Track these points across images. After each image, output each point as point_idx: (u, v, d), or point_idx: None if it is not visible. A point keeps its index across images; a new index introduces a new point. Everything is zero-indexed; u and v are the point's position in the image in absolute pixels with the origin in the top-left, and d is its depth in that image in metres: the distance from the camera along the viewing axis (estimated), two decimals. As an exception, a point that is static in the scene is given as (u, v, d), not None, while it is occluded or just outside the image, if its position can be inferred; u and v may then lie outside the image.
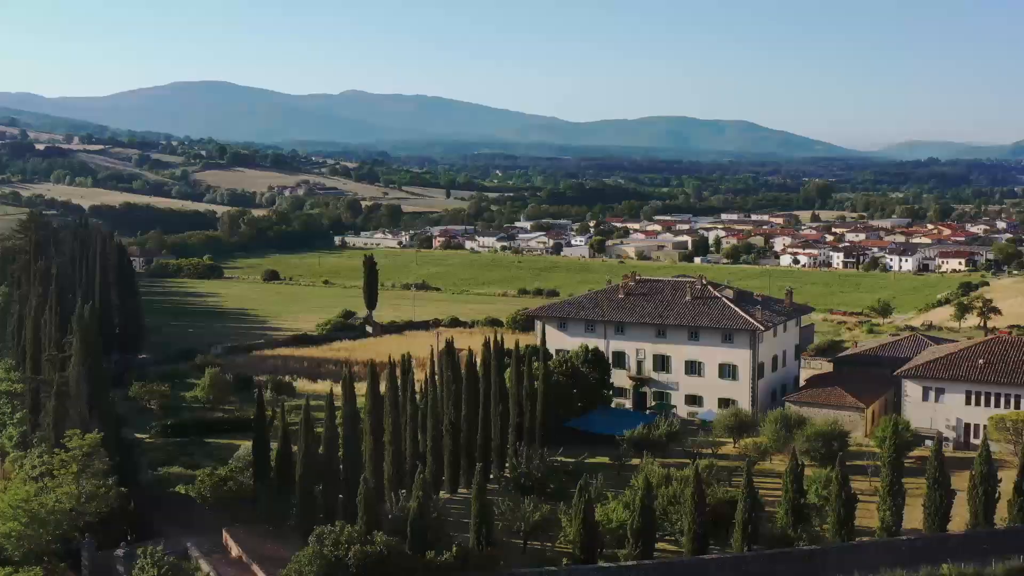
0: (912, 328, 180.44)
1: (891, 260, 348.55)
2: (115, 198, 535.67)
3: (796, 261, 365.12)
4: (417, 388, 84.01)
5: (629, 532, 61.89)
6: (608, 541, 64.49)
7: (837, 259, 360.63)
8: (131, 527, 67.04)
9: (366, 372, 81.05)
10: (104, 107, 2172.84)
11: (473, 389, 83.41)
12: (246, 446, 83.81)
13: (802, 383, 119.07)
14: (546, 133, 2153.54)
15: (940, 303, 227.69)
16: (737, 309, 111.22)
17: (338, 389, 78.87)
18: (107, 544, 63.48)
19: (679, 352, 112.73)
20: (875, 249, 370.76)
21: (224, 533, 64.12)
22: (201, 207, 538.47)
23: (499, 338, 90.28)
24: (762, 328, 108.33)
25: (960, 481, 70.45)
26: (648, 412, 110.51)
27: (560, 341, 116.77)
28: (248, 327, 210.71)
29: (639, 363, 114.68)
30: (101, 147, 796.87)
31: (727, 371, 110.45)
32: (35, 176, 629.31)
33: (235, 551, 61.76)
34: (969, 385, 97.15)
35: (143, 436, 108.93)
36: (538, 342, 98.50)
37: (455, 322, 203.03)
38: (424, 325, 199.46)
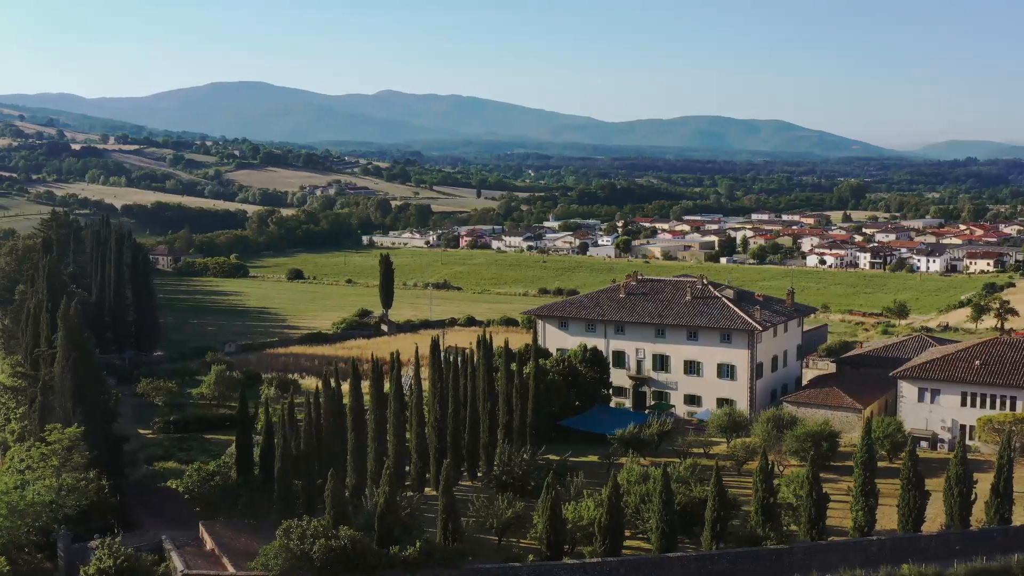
0: (928, 329, 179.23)
1: (918, 261, 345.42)
2: (147, 197, 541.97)
3: (822, 262, 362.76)
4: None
5: (596, 529, 62.32)
6: (580, 538, 64.92)
7: (864, 260, 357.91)
8: (119, 520, 68.25)
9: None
10: (142, 107, 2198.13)
11: (457, 387, 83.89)
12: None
13: (805, 384, 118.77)
14: (580, 133, 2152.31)
15: (961, 304, 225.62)
16: (736, 309, 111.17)
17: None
18: (87, 536, 64.76)
19: (678, 352, 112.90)
20: (903, 250, 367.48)
21: (200, 526, 65.20)
22: (232, 206, 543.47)
23: (488, 337, 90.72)
24: (759, 328, 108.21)
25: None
26: (647, 412, 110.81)
27: (561, 340, 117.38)
28: (267, 325, 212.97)
29: (639, 363, 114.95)
30: (136, 147, 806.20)
31: (725, 371, 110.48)
32: (70, 176, 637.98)
33: (209, 544, 62.81)
34: (965, 386, 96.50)
35: (145, 432, 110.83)
36: (532, 341, 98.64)
37: (471, 321, 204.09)
38: (440, 324, 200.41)
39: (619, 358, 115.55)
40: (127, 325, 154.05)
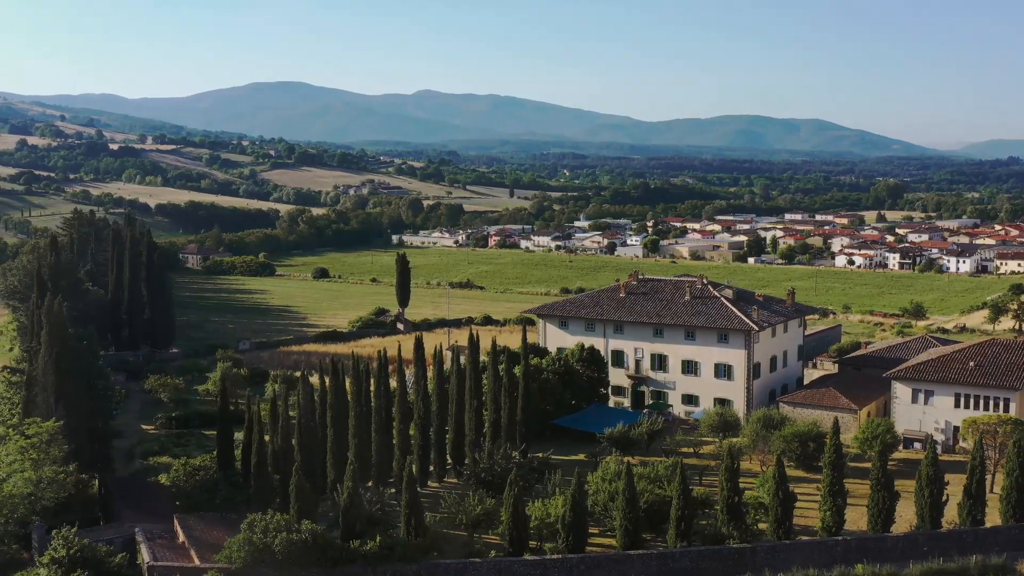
0: (944, 330, 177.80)
1: (948, 261, 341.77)
2: (181, 196, 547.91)
3: (851, 262, 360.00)
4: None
5: (560, 526, 62.84)
6: (547, 535, 65.40)
7: (893, 260, 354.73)
8: (98, 513, 69.70)
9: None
10: (183, 107, 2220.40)
11: (443, 385, 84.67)
12: (237, 437, 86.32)
13: (807, 384, 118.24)
14: (617, 132, 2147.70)
15: (984, 306, 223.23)
16: (734, 309, 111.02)
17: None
18: (72, 526, 66.15)
19: (676, 352, 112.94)
20: (934, 250, 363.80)
21: (175, 520, 66.44)
22: (265, 206, 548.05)
23: (476, 335, 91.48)
24: (756, 328, 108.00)
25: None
26: (645, 411, 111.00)
27: (561, 340, 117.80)
28: (286, 323, 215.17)
29: (637, 362, 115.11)
30: (173, 147, 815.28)
31: (722, 371, 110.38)
32: (107, 175, 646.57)
33: (181, 537, 64.07)
34: (959, 387, 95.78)
35: (148, 427, 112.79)
36: (521, 340, 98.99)
37: (487, 320, 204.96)
38: (457, 323, 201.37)
39: (618, 357, 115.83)
40: (142, 323, 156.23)
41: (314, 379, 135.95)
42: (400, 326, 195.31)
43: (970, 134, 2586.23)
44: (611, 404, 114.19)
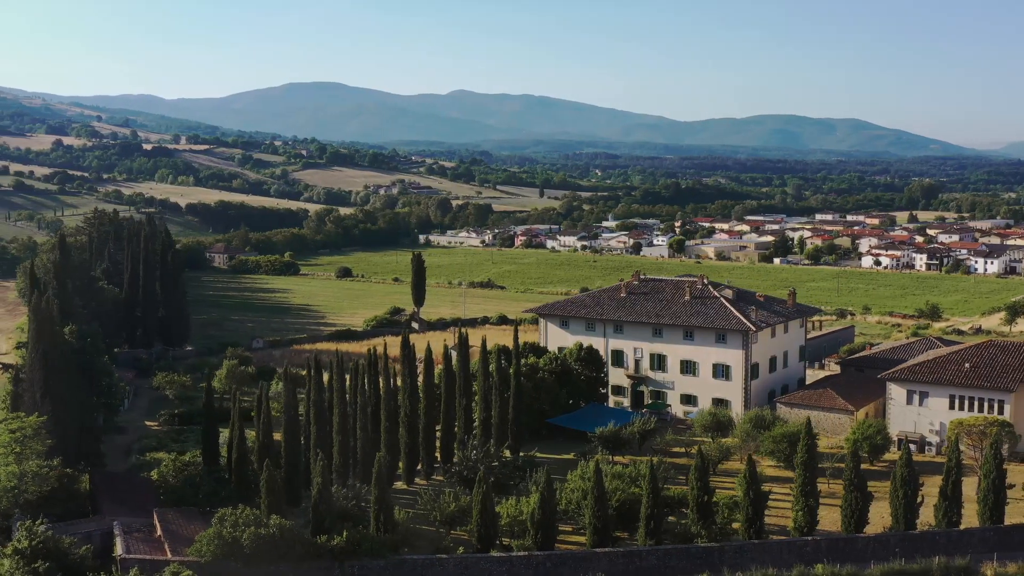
0: (960, 332, 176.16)
1: (975, 262, 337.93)
2: (212, 196, 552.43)
3: (878, 263, 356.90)
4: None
5: (529, 523, 63.34)
6: (517, 532, 65.93)
7: (920, 261, 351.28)
8: (81, 506, 71.00)
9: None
10: (219, 108, 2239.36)
11: (430, 384, 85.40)
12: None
13: (809, 385, 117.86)
14: (651, 132, 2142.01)
15: (1006, 308, 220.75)
16: (732, 309, 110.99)
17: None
18: (54, 518, 67.49)
19: (675, 352, 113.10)
20: (962, 251, 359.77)
21: (154, 513, 67.56)
22: (294, 205, 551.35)
23: (464, 334, 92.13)
24: (753, 328, 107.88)
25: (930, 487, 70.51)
26: (644, 411, 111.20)
27: (562, 339, 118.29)
28: (304, 322, 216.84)
29: (637, 362, 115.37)
30: (206, 147, 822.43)
31: (720, 371, 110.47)
32: (140, 175, 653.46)
33: (159, 530, 65.11)
34: (953, 389, 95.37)
35: (152, 423, 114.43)
36: (513, 339, 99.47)
37: (503, 319, 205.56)
38: (472, 322, 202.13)
39: (618, 357, 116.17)
40: (156, 321, 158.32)
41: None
42: (415, 325, 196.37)
43: (1011, 133, 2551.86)
44: (611, 403, 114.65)
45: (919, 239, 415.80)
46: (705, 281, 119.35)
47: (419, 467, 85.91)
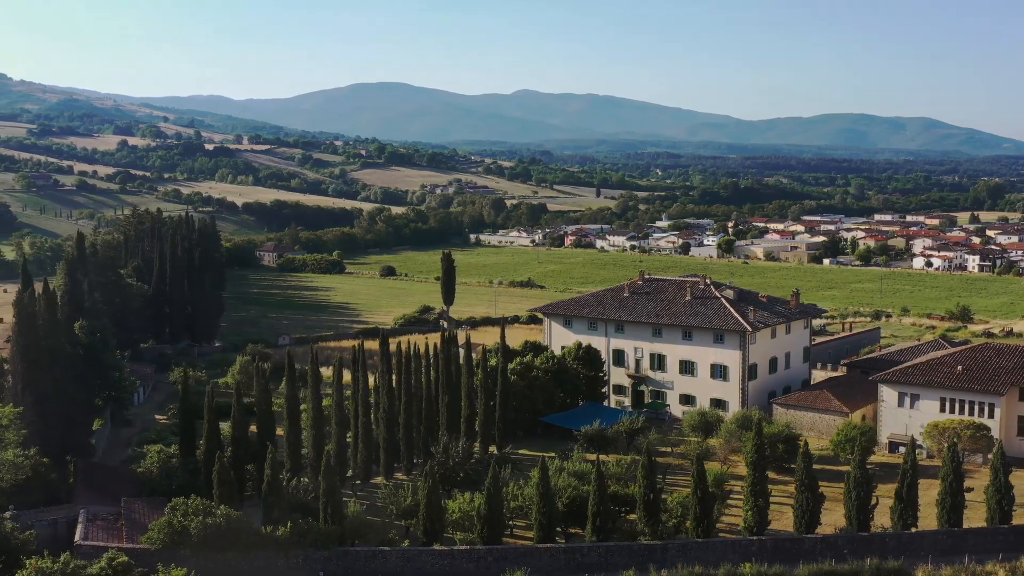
0: (990, 334, 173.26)
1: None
2: (269, 196, 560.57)
3: (929, 264, 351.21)
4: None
5: (476, 518, 64.39)
6: (468, 526, 66.99)
7: (972, 262, 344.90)
8: (56, 495, 73.66)
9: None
10: (286, 108, 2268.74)
11: (411, 381, 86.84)
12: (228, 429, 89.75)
13: (813, 386, 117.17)
14: (717, 131, 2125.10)
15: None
16: (731, 309, 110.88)
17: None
18: (26, 506, 70.27)
19: (674, 352, 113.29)
20: (1017, 252, 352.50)
21: (121, 502, 69.84)
22: (349, 205, 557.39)
23: (450, 334, 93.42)
24: (750, 329, 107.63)
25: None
26: (644, 410, 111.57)
27: (565, 338, 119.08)
28: (338, 320, 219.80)
29: (637, 361, 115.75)
30: (267, 147, 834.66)
31: (718, 371, 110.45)
32: (201, 175, 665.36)
33: (123, 519, 67.33)
34: (944, 392, 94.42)
35: (161, 417, 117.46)
36: (500, 338, 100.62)
37: (532, 319, 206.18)
38: (502, 321, 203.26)
39: (619, 356, 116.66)
40: (183, 317, 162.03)
41: (327, 372, 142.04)
42: (444, 323, 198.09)
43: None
44: (613, 403, 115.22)
45: (975, 240, 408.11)
46: (707, 281, 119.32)
47: (398, 463, 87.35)
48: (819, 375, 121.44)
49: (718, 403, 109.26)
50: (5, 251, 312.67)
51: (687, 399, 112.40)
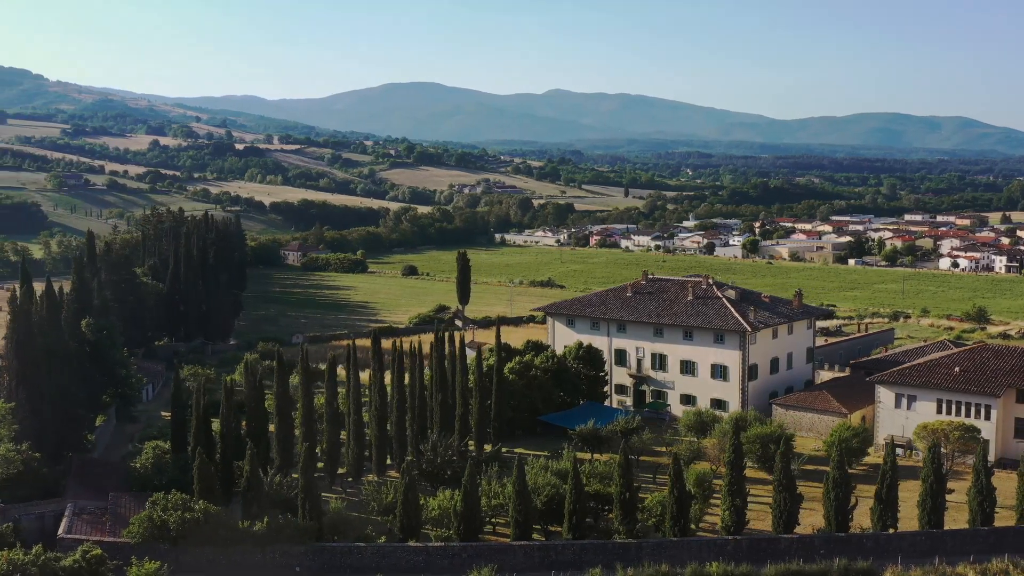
0: (1007, 336, 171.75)
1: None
2: (297, 195, 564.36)
3: (955, 264, 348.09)
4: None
5: (452, 515, 64.96)
6: (446, 523, 67.56)
7: (1000, 263, 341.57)
8: (47, 489, 75.01)
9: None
10: (318, 108, 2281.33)
11: (402, 381, 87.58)
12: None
13: (815, 387, 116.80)
14: (749, 131, 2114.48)
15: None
16: (732, 310, 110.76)
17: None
18: (17, 500, 71.67)
19: (675, 351, 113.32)
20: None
21: (108, 497, 70.98)
22: (376, 204, 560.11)
23: (442, 334, 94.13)
24: (750, 329, 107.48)
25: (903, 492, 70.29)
26: (645, 410, 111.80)
27: (567, 337, 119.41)
28: (355, 318, 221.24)
29: (638, 361, 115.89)
30: (297, 147, 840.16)
31: (718, 371, 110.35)
32: (231, 174, 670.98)
33: (108, 513, 68.46)
34: (941, 393, 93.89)
35: (167, 414, 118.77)
36: (495, 338, 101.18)
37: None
38: (516, 320, 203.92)
39: (621, 356, 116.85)
40: (198, 315, 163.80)
41: (340, 372, 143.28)
42: (458, 323, 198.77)
43: None
44: (615, 402, 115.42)
45: (1004, 240, 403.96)
46: (710, 281, 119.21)
47: (389, 461, 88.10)
48: (825, 375, 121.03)
49: (718, 403, 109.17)
50: (33, 250, 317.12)
51: (688, 399, 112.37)
